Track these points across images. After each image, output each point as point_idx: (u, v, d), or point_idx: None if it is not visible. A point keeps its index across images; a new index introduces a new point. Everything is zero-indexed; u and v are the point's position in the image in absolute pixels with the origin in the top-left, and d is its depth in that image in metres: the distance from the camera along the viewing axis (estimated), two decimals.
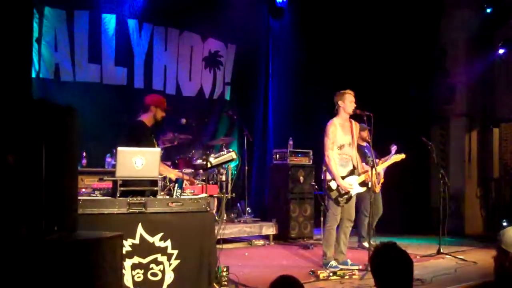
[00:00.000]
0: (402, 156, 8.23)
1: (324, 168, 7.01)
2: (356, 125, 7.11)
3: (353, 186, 6.92)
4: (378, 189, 8.49)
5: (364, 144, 8.45)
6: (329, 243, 6.97)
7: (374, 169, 6.89)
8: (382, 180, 8.63)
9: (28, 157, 3.23)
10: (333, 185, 6.86)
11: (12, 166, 3.11)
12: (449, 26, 11.33)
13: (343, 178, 6.87)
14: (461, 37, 11.28)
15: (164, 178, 5.74)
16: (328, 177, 6.91)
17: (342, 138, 6.93)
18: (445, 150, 11.42)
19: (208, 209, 5.27)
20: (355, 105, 6.92)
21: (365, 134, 8.35)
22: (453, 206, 10.48)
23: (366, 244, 8.17)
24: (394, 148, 8.54)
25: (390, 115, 9.30)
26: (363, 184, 7.01)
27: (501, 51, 11.05)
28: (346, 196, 6.88)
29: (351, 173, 6.96)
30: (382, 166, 8.21)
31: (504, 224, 9.07)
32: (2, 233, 3.09)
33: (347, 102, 6.91)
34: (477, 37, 11.23)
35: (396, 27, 10.81)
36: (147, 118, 6.15)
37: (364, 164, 7.67)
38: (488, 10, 11.12)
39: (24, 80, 3.46)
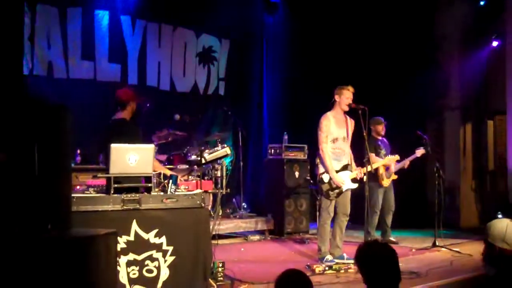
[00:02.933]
0: (396, 157, 8.27)
1: (317, 162, 7.03)
2: (351, 121, 7.10)
3: (345, 181, 6.91)
4: (386, 182, 8.50)
5: (379, 137, 8.56)
6: (324, 238, 6.97)
7: (369, 164, 6.91)
8: (394, 177, 8.62)
9: (21, 155, 3.22)
10: (325, 178, 6.87)
11: (3, 164, 3.10)
12: (443, 19, 11.32)
13: (336, 172, 6.87)
14: (454, 30, 11.27)
15: (159, 174, 5.72)
16: (321, 170, 6.92)
17: (336, 131, 6.92)
18: (440, 143, 11.42)
19: (203, 205, 5.27)
20: (350, 102, 6.91)
21: (380, 128, 8.51)
22: (448, 199, 10.51)
23: (392, 239, 8.47)
24: (418, 151, 8.59)
25: (385, 109, 9.28)
26: (355, 180, 7.02)
27: (494, 43, 11.05)
28: (337, 191, 6.88)
29: (344, 168, 6.96)
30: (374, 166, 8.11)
31: (499, 216, 9.08)
32: None
33: (343, 98, 6.91)
34: (471, 30, 11.22)
35: (390, 21, 10.81)
36: (126, 114, 6.10)
37: (375, 157, 8.10)
38: (482, 3, 11.12)
39: (16, 78, 3.45)
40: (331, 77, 8.89)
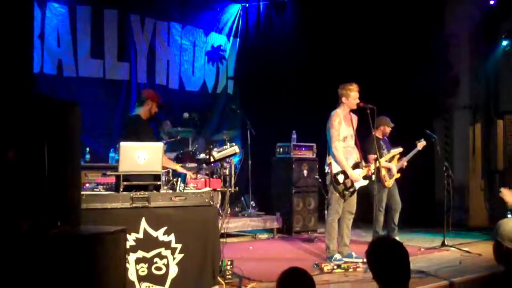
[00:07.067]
0: (400, 149, 8.20)
1: (328, 161, 6.95)
2: (355, 117, 7.07)
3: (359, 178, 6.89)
4: (389, 183, 8.37)
5: (382, 137, 8.41)
6: (332, 236, 6.94)
7: (378, 162, 6.88)
8: (396, 175, 8.47)
9: (30, 153, 3.24)
10: (340, 178, 6.81)
11: (12, 162, 3.11)
12: (453, 17, 11.26)
13: None
14: (464, 29, 11.21)
15: (168, 172, 5.75)
16: (334, 170, 6.85)
17: (345, 129, 6.88)
18: (449, 142, 11.37)
19: (211, 203, 5.28)
20: (358, 101, 6.87)
21: (389, 130, 8.35)
22: (457, 199, 10.46)
23: (397, 238, 8.11)
24: (421, 144, 8.41)
25: (393, 108, 9.24)
26: (366, 177, 6.99)
27: (504, 43, 10.99)
28: (351, 190, 6.85)
29: (356, 166, 6.92)
30: (382, 160, 8.03)
31: (509, 216, 9.03)
32: (5, 228, 3.10)
33: (351, 99, 6.84)
34: (481, 29, 11.17)
35: (399, 19, 10.75)
36: (142, 112, 6.19)
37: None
38: (492, 2, 11.06)
39: (25, 76, 3.46)
40: (340, 74, 8.85)
